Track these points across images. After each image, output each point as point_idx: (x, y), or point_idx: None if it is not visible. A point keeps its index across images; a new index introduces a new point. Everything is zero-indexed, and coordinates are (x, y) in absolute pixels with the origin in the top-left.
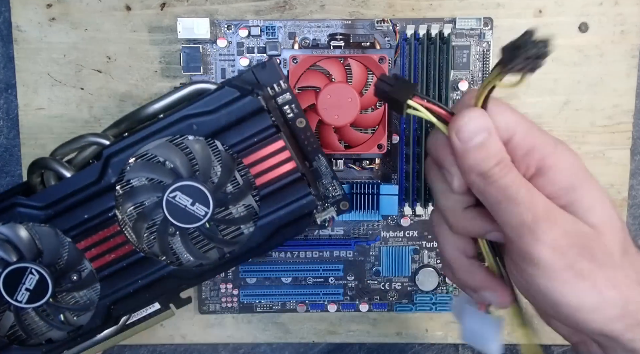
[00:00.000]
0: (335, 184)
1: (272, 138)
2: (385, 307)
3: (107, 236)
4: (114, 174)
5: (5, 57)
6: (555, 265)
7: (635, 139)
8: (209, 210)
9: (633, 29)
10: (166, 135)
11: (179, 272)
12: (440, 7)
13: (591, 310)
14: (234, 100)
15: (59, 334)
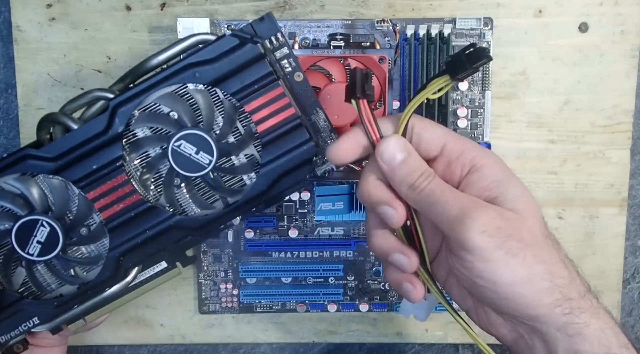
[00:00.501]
0: (333, 137)
1: (272, 85)
2: (385, 307)
3: (115, 185)
4: (120, 123)
5: (5, 57)
6: (487, 247)
7: (635, 139)
8: (212, 158)
9: (633, 29)
10: (170, 84)
11: (185, 221)
12: (440, 7)
13: (524, 282)
14: (235, 48)
15: (69, 289)
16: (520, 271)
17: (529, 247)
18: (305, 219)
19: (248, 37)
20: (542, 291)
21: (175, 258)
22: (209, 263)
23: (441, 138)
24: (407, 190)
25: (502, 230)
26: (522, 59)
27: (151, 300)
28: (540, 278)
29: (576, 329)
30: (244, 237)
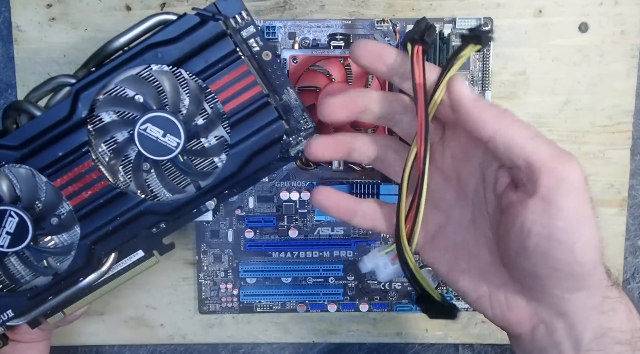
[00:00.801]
0: (305, 116)
1: (236, 63)
2: (385, 307)
3: (82, 172)
4: (84, 108)
5: (5, 57)
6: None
7: (635, 139)
8: (180, 140)
9: (633, 29)
10: (133, 66)
11: (156, 206)
12: (440, 7)
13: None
14: (196, 26)
15: (43, 281)
16: (595, 235)
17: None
18: (305, 219)
19: (209, 15)
20: (599, 261)
21: (152, 247)
22: (209, 263)
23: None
24: (499, 115)
25: (587, 182)
26: (522, 59)
27: (151, 300)
28: (600, 249)
29: (611, 305)
30: (244, 237)
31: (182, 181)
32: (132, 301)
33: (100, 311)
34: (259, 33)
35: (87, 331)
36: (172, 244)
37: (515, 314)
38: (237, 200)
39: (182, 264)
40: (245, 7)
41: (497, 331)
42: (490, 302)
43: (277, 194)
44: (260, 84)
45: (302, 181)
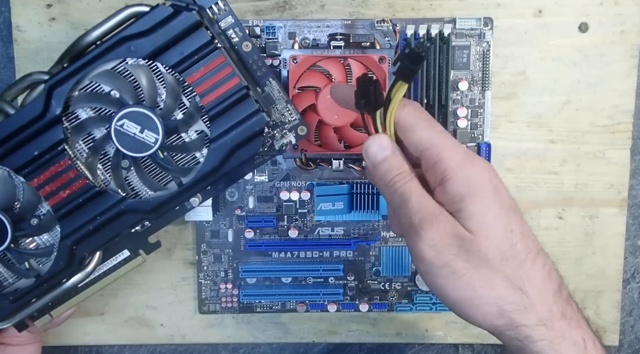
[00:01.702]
0: (290, 108)
1: (213, 54)
2: (385, 307)
3: (59, 171)
4: (57, 105)
5: (5, 57)
6: (435, 262)
7: (635, 139)
8: (159, 136)
9: (633, 29)
10: (106, 60)
11: (137, 204)
12: (440, 7)
13: (468, 305)
14: (169, 17)
15: (26, 283)
16: (462, 293)
17: (477, 269)
18: (305, 219)
19: (183, 5)
20: (489, 314)
21: (137, 246)
22: (209, 263)
23: (422, 143)
24: (383, 187)
25: (450, 247)
26: (522, 59)
27: (151, 300)
28: (485, 302)
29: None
30: (244, 237)
31: (163, 177)
32: (132, 301)
33: (100, 311)
34: (238, 23)
35: (87, 331)
36: (158, 243)
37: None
38: (237, 200)
39: (182, 264)
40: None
41: None
42: None
43: (277, 194)
44: (238, 75)
45: (302, 181)
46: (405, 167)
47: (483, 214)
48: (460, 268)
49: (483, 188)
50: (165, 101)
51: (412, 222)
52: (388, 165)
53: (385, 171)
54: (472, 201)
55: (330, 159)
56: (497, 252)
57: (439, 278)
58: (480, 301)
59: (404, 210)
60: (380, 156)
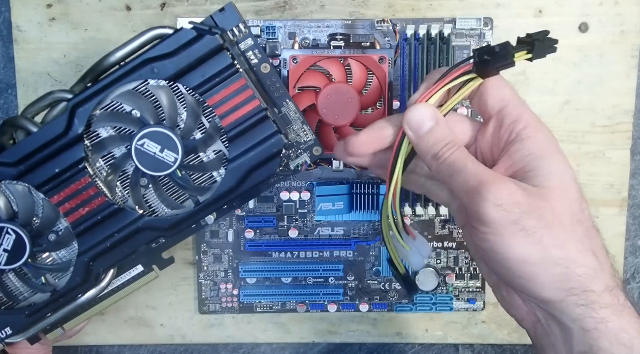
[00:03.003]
0: (306, 128)
1: (234, 77)
2: (385, 307)
3: (79, 188)
4: (80, 124)
5: (5, 57)
6: (501, 221)
7: (635, 139)
8: (178, 156)
9: (633, 29)
10: (128, 81)
11: (154, 222)
12: (440, 7)
13: (536, 263)
14: (192, 40)
15: (42, 297)
16: (532, 251)
17: (549, 228)
18: (305, 219)
19: (206, 29)
20: (555, 275)
21: (151, 261)
22: (209, 263)
23: (507, 99)
24: (431, 159)
25: (520, 205)
26: None
27: (151, 300)
28: (554, 263)
29: (591, 324)
30: (244, 237)
31: (180, 196)
32: (132, 301)
33: (100, 311)
34: (257, 45)
35: (87, 331)
36: (172, 259)
37: (516, 310)
38: None
39: (182, 264)
40: (243, 20)
41: (497, 331)
42: (499, 293)
43: (277, 194)
44: (258, 97)
45: (302, 181)
46: (452, 137)
47: (562, 173)
48: (531, 226)
49: (558, 152)
50: (185, 122)
51: (471, 186)
52: (434, 136)
53: (431, 142)
54: (552, 161)
55: (330, 159)
56: (570, 213)
57: (506, 236)
58: (551, 261)
59: (459, 177)
60: (425, 127)
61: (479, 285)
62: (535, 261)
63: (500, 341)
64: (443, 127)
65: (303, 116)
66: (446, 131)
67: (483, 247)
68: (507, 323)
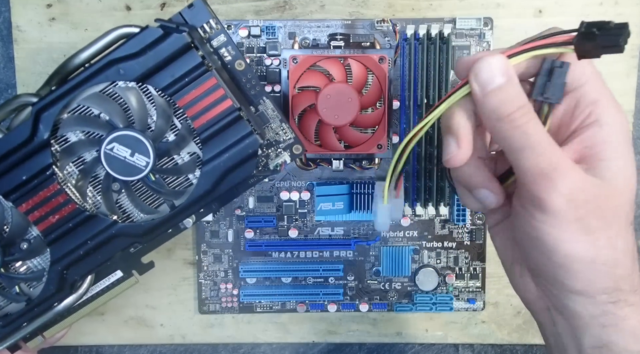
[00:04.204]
0: (285, 127)
1: (204, 76)
2: (385, 307)
3: (48, 195)
4: (45, 129)
5: (5, 57)
6: (566, 215)
7: (635, 139)
8: (149, 159)
9: (633, 29)
10: (94, 83)
11: (129, 228)
12: (440, 7)
13: (585, 262)
14: (159, 39)
15: (17, 307)
16: (586, 251)
17: (607, 229)
18: (305, 219)
19: (173, 27)
20: (598, 274)
21: (130, 266)
22: (209, 263)
23: (586, 77)
24: (496, 120)
25: (588, 203)
26: None
27: (151, 300)
28: (602, 262)
29: (612, 321)
30: (244, 237)
31: (155, 200)
32: (132, 301)
33: (100, 311)
34: (231, 41)
35: (87, 331)
36: (152, 263)
37: (524, 292)
38: (237, 200)
39: (182, 264)
40: (214, 15)
41: (497, 331)
42: (510, 271)
43: (277, 194)
44: (230, 97)
45: (302, 181)
46: (526, 101)
47: (632, 172)
48: (593, 226)
49: (629, 143)
50: (156, 124)
51: (542, 168)
52: (505, 95)
53: (500, 101)
54: (623, 154)
55: (330, 159)
56: (626, 214)
57: (564, 231)
58: (599, 261)
59: (530, 153)
60: (496, 82)
61: (479, 285)
62: (585, 259)
63: (500, 341)
64: (517, 87)
65: (282, 114)
66: (520, 92)
67: (530, 233)
68: (507, 323)
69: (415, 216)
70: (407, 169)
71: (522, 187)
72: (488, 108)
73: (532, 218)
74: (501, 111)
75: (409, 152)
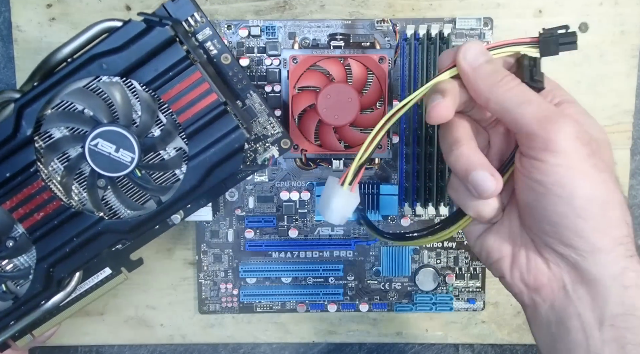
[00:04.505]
0: (272, 121)
1: (188, 70)
2: (385, 307)
3: (32, 193)
4: (28, 125)
5: (5, 57)
6: (577, 153)
7: (635, 139)
8: (134, 155)
9: (633, 29)
10: (77, 78)
11: (115, 225)
12: (440, 7)
13: (601, 202)
14: (142, 33)
15: (4, 306)
16: (600, 189)
17: (610, 171)
18: (305, 219)
19: (156, 20)
20: (614, 219)
21: (119, 263)
22: (209, 263)
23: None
24: (491, 86)
25: (592, 141)
26: None
27: (151, 300)
28: (614, 206)
29: (633, 280)
30: (244, 237)
31: (142, 196)
32: (132, 301)
33: (100, 311)
34: (217, 35)
35: (87, 331)
36: (141, 260)
37: (534, 278)
38: (237, 200)
39: (182, 264)
40: (198, 8)
41: (497, 331)
42: (512, 263)
43: (277, 194)
44: (215, 91)
45: (302, 181)
46: (509, 72)
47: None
48: (601, 165)
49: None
50: (141, 119)
51: (546, 114)
52: (492, 66)
53: (491, 71)
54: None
55: (330, 159)
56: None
57: (577, 170)
58: (613, 203)
59: (529, 106)
60: (482, 58)
61: (479, 285)
62: (602, 200)
63: (500, 341)
64: (499, 62)
65: (269, 108)
66: (502, 65)
67: (546, 182)
68: (507, 323)
69: (415, 216)
70: (406, 168)
71: (529, 139)
72: (481, 78)
73: (546, 164)
74: (493, 78)
75: (383, 134)
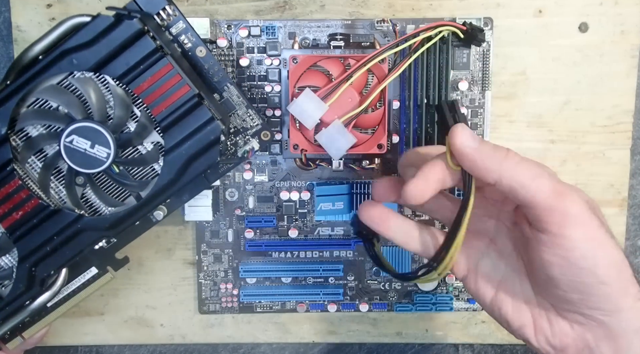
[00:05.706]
0: (251, 113)
1: (159, 63)
2: (385, 307)
3: (9, 192)
4: (3, 124)
5: (5, 57)
6: (594, 221)
7: (635, 139)
8: (110, 150)
9: (633, 29)
10: (49, 75)
11: (94, 222)
12: (440, 7)
13: (618, 266)
14: (111, 27)
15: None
16: (615, 255)
17: (611, 232)
18: (305, 219)
19: (125, 14)
20: (628, 278)
21: (105, 263)
22: (209, 263)
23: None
24: (502, 161)
25: (595, 210)
26: (522, 59)
27: (151, 300)
28: (626, 266)
29: None
30: (244, 237)
31: (122, 192)
32: (132, 301)
33: (100, 311)
34: (190, 28)
35: (87, 331)
36: (126, 259)
37: (559, 340)
38: (237, 200)
39: (182, 264)
40: (170, 2)
41: (497, 331)
42: (535, 329)
43: (277, 194)
44: (188, 83)
45: (302, 181)
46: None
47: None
48: (607, 228)
49: None
50: (115, 113)
51: (557, 187)
52: (492, 144)
53: (493, 147)
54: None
55: (330, 159)
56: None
57: (596, 240)
58: (624, 264)
59: (542, 178)
60: (477, 138)
61: None
62: (618, 263)
63: (500, 341)
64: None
65: (247, 100)
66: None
67: (571, 256)
68: None
69: (415, 216)
70: None
71: (546, 213)
72: (488, 157)
73: (569, 240)
74: (499, 154)
75: None
